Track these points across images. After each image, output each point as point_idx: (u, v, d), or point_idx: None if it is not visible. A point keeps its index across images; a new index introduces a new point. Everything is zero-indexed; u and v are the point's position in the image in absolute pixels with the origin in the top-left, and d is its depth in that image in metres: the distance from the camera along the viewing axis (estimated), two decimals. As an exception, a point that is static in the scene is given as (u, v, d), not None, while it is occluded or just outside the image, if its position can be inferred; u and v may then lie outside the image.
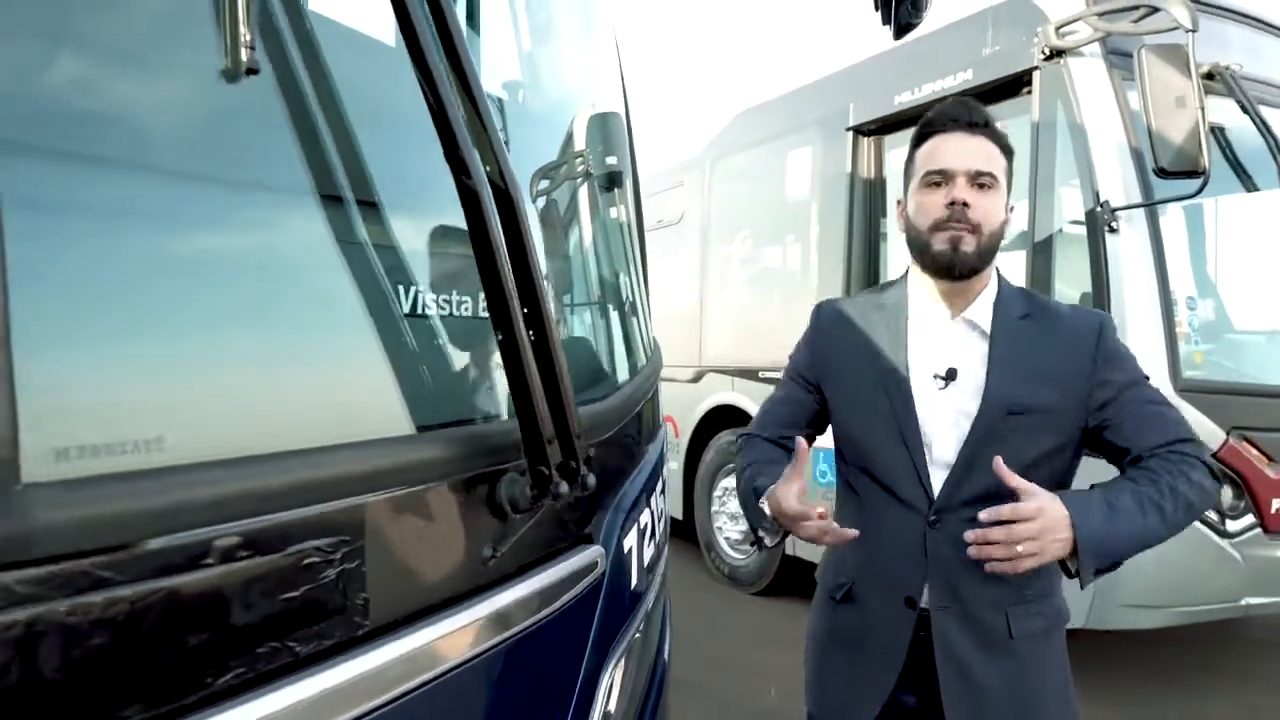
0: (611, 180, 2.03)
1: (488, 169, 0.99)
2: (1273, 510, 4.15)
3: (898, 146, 5.67)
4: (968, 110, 1.73)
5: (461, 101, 0.98)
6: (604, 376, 1.67)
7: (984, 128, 1.72)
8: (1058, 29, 4.29)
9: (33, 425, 0.66)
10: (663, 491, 1.85)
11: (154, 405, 0.78)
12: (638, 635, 1.65)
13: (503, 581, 1.14)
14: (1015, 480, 1.52)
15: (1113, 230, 4.04)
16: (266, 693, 0.82)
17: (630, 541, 1.52)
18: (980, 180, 1.68)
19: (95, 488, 0.70)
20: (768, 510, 1.69)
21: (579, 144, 1.87)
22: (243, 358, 0.85)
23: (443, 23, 0.95)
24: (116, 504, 0.71)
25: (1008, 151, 1.75)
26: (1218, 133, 4.47)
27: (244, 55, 0.84)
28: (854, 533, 1.63)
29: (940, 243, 1.70)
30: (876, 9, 1.88)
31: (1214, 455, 4.00)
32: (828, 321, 1.91)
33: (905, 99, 5.30)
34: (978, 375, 1.72)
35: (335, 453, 0.91)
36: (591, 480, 1.13)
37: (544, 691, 1.27)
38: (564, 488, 1.09)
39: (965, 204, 1.66)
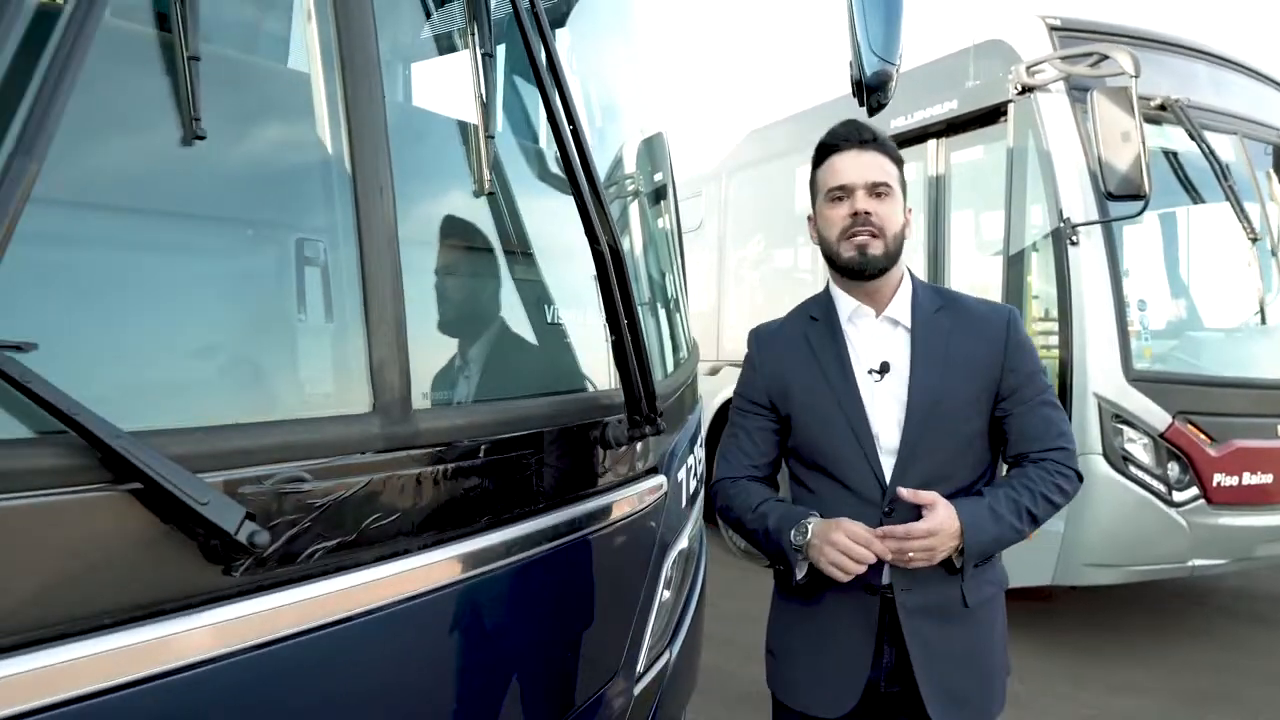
0: (662, 208, 2.73)
1: (605, 238, 1.70)
2: (1214, 484, 4.81)
3: (894, 165, 6.35)
4: (857, 129, 1.88)
5: (592, 199, 1.68)
6: (665, 363, 2.38)
7: (873, 142, 1.86)
8: (1028, 69, 4.96)
9: (415, 383, 1.38)
10: (702, 445, 2.56)
11: (458, 372, 1.50)
12: (684, 546, 2.35)
13: (610, 490, 1.87)
14: (919, 497, 1.72)
15: (1073, 243, 4.72)
16: (492, 531, 1.54)
17: (680, 476, 2.24)
18: (877, 190, 1.82)
19: (436, 414, 1.43)
20: (810, 531, 1.75)
21: (650, 184, 2.57)
22: (504, 356, 1.59)
23: (583, 154, 1.66)
24: (444, 423, 1.44)
25: (898, 161, 1.89)
26: (1169, 156, 5.15)
27: (486, 185, 1.57)
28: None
29: (849, 249, 1.83)
30: (854, 95, 2.57)
31: (1161, 435, 4.72)
32: (768, 343, 2.01)
33: (900, 124, 5.98)
34: (906, 368, 1.85)
35: (526, 402, 1.64)
36: (664, 425, 1.84)
37: (632, 563, 1.99)
38: (648, 429, 1.80)
39: (867, 213, 1.81)
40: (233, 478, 1.10)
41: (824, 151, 1.90)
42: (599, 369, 1.86)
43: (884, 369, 1.85)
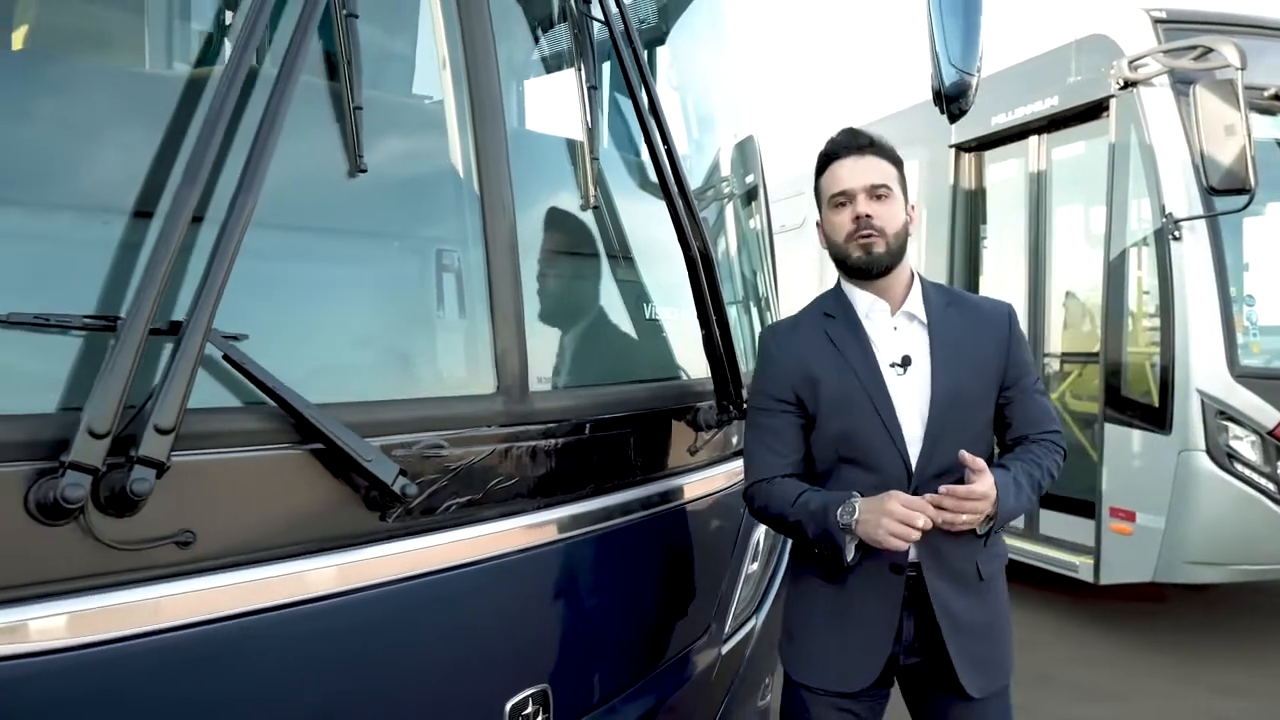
0: (752, 209, 2.93)
1: (696, 244, 1.92)
2: (1329, 482, 4.69)
3: (995, 162, 6.37)
4: (854, 136, 1.95)
5: (684, 209, 1.91)
6: (754, 355, 2.60)
7: (870, 147, 1.94)
8: (1131, 63, 4.92)
9: (532, 369, 1.63)
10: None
11: (568, 360, 1.76)
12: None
13: (702, 467, 2.09)
14: (975, 463, 1.78)
15: (1176, 238, 4.68)
16: (596, 498, 1.77)
17: (767, 458, 2.45)
18: (877, 192, 1.90)
19: (550, 395, 1.69)
20: (857, 509, 1.79)
21: (741, 192, 2.78)
22: (608, 347, 1.86)
23: (676, 169, 1.89)
24: (557, 404, 1.69)
25: (896, 163, 1.97)
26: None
27: (592, 200, 1.81)
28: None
29: (855, 250, 1.90)
30: (936, 103, 2.72)
31: (1270, 433, 4.64)
32: (788, 340, 2.02)
33: (1001, 120, 5.99)
34: (927, 360, 1.94)
35: (627, 387, 1.88)
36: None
37: (721, 534, 2.22)
38: (734, 414, 2.02)
39: (869, 216, 1.88)
40: (388, 442, 1.37)
41: (825, 160, 1.98)
42: (692, 360, 2.09)
43: (906, 362, 1.92)
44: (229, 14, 1.42)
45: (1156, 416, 4.82)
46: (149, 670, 1.15)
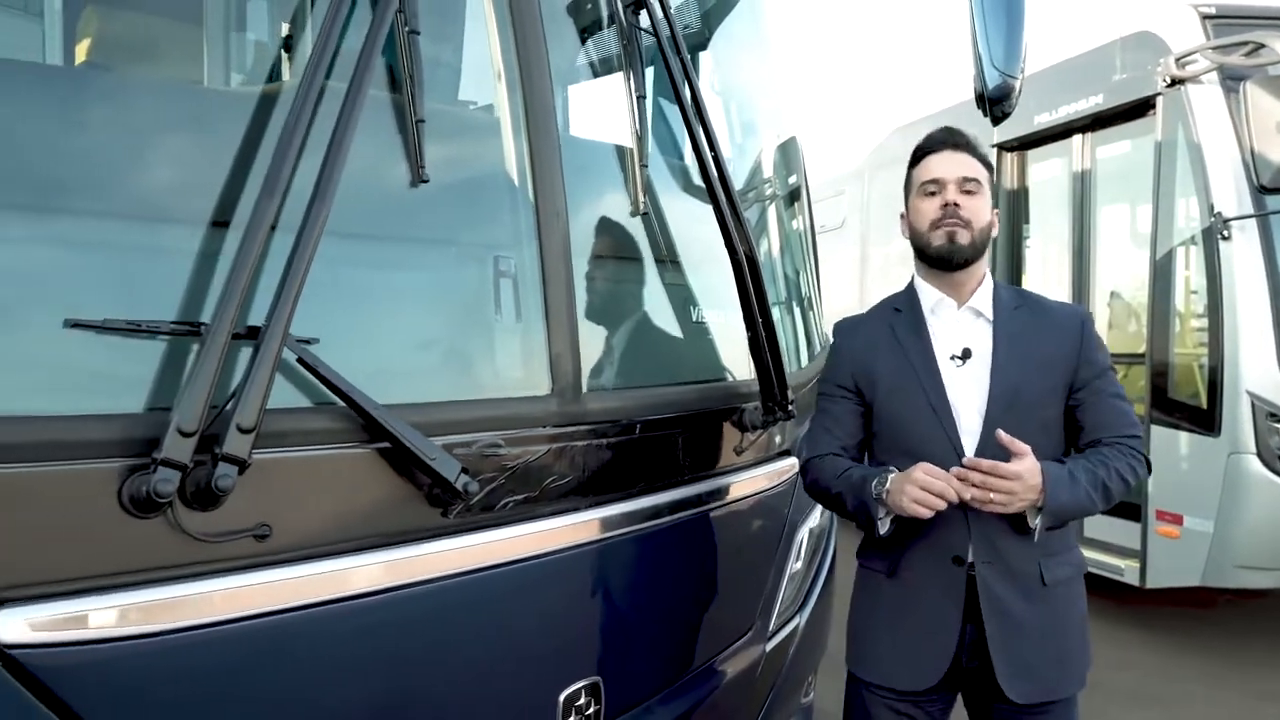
0: (795, 209, 2.96)
1: (742, 248, 1.96)
2: (1386, 488, 4.60)
3: (1039, 161, 6.32)
4: (951, 134, 2.04)
5: (730, 215, 1.94)
6: (798, 355, 2.63)
7: (966, 146, 2.01)
8: (1178, 60, 4.87)
9: (585, 371, 1.68)
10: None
11: (620, 362, 1.81)
12: (815, 524, 2.59)
13: (748, 467, 2.13)
14: (1015, 445, 1.78)
15: (1225, 238, 4.62)
16: (645, 496, 1.82)
17: (811, 459, 2.48)
18: (967, 186, 1.96)
19: (602, 396, 1.73)
20: (889, 479, 1.84)
21: (784, 197, 2.81)
22: (658, 349, 1.92)
23: (723, 175, 1.93)
24: (609, 404, 1.74)
25: (988, 166, 2.04)
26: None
27: (641, 206, 1.86)
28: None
29: (939, 239, 1.96)
30: (979, 106, 2.73)
31: (1324, 439, 4.56)
32: (852, 332, 2.15)
33: (1044, 119, 5.94)
34: (988, 355, 1.97)
35: (676, 388, 1.93)
36: (795, 412, 2.08)
37: (766, 533, 2.25)
38: (780, 415, 2.05)
39: (956, 204, 1.95)
40: (449, 441, 1.43)
41: (920, 153, 2.06)
42: (739, 361, 2.13)
43: (966, 355, 1.96)
44: (302, 37, 1.49)
45: (1204, 418, 4.77)
46: (228, 655, 1.22)
